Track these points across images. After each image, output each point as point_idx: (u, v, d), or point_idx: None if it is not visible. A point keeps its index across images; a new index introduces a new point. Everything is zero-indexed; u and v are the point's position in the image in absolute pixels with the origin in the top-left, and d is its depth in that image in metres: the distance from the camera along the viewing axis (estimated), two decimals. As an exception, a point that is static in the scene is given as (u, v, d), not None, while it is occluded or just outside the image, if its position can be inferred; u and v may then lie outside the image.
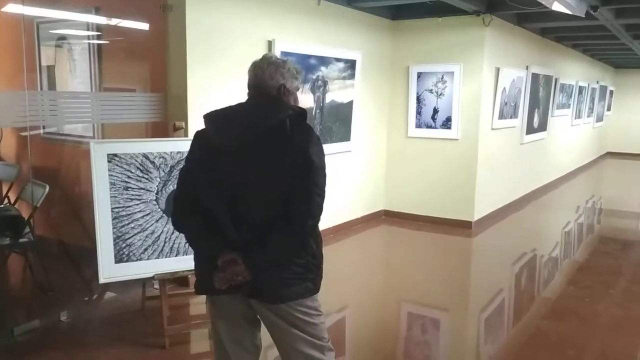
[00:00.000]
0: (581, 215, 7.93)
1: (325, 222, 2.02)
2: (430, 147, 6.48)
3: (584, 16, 4.82)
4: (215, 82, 4.15)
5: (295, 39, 4.92)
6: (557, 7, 4.46)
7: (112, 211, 3.20)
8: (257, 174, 1.82)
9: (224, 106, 1.95)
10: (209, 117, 1.93)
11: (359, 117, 5.97)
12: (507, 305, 4.47)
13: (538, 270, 5.37)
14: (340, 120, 5.72)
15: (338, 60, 5.52)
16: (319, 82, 5.31)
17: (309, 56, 5.12)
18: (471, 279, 5.17)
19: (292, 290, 1.89)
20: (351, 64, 5.71)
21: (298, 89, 2.00)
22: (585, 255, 5.77)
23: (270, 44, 4.65)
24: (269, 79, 1.92)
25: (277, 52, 4.63)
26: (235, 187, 1.83)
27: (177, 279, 3.84)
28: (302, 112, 1.90)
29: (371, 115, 6.36)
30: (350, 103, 5.82)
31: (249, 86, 1.97)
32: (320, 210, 1.88)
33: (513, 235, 6.53)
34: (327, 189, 1.90)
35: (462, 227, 6.30)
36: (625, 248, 6.00)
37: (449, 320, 4.20)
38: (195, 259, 2.02)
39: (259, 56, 1.99)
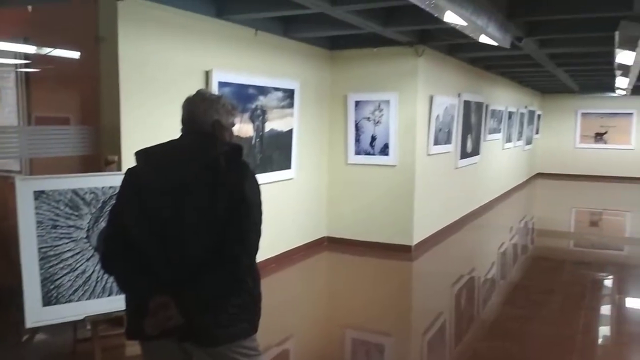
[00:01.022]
0: (515, 236, 8.26)
1: (267, 251, 2.02)
2: (370, 174, 6.59)
3: (509, 47, 5.09)
4: (150, 114, 4.07)
5: (233, 69, 4.92)
6: (484, 39, 4.68)
7: (39, 251, 3.05)
8: (191, 212, 1.78)
9: (156, 143, 1.92)
10: (141, 154, 1.89)
11: (299, 145, 6.01)
12: (448, 327, 4.57)
13: (476, 292, 5.52)
14: (280, 148, 5.74)
15: (277, 89, 5.55)
16: (258, 111, 5.31)
17: (248, 86, 5.12)
18: (412, 303, 5.25)
19: (229, 331, 1.85)
20: (290, 93, 5.77)
21: (233, 125, 1.99)
22: (520, 275, 6.00)
23: (207, 74, 4.62)
24: (203, 115, 1.90)
25: (214, 83, 4.62)
26: (169, 225, 1.79)
27: (111, 320, 3.68)
28: (238, 148, 1.89)
29: (311, 143, 6.42)
30: (290, 131, 5.86)
31: (183, 122, 1.95)
32: (256, 248, 1.87)
33: (451, 257, 6.70)
34: (268, 217, 1.90)
35: (402, 251, 6.41)
36: (556, 267, 6.26)
37: (393, 345, 4.24)
38: (126, 303, 1.95)
39: (196, 87, 1.99)
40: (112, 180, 3.26)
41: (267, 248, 1.98)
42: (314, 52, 6.28)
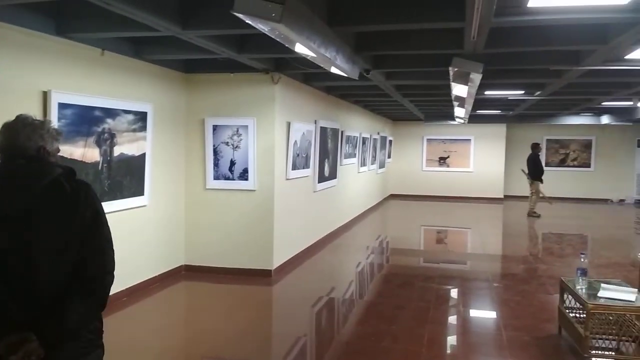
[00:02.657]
0: (371, 255, 8.67)
1: (116, 284, 1.94)
2: (229, 199, 6.52)
3: (357, 78, 5.39)
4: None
5: (76, 90, 4.58)
6: (334, 70, 4.91)
7: None
8: (41, 239, 1.68)
9: None
10: None
11: (153, 170, 5.75)
12: (308, 350, 4.61)
13: (335, 312, 5.67)
14: (131, 174, 5.44)
15: (127, 112, 5.28)
16: (106, 134, 5.00)
17: (93, 108, 4.80)
18: (272, 328, 5.24)
19: (89, 359, 1.83)
20: (142, 116, 5.52)
21: (59, 151, 1.92)
22: (374, 293, 6.28)
23: (45, 95, 4.25)
24: (27, 141, 1.79)
25: (53, 104, 4.26)
26: (13, 257, 1.66)
27: None
28: (72, 170, 1.85)
29: (167, 168, 6.19)
30: (143, 156, 5.59)
31: (1, 149, 1.80)
32: (114, 263, 1.85)
33: (311, 279, 6.83)
34: (118, 247, 1.89)
35: (262, 275, 6.39)
36: (407, 283, 6.65)
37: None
38: None
39: (32, 109, 1.88)
40: None
41: (117, 281, 1.90)
42: (168, 74, 6.11)
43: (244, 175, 6.44)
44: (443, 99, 8.85)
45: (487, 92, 8.31)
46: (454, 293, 6.26)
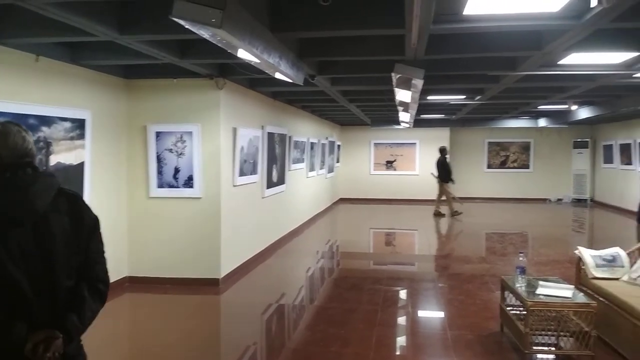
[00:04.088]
0: (321, 259, 8.68)
1: None
2: (174, 207, 6.38)
3: (302, 84, 5.40)
4: None
5: (7, 97, 4.36)
6: (279, 75, 4.90)
7: None
8: (58, 243, 1.79)
9: None
10: None
11: (92, 179, 5.55)
12: (257, 359, 4.56)
13: (285, 319, 5.63)
14: (69, 184, 5.19)
15: (64, 119, 5.08)
16: (41, 143, 4.78)
17: (27, 115, 4.59)
18: (221, 337, 5.15)
19: (81, 357, 1.95)
20: (80, 124, 5.32)
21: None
22: (325, 298, 6.28)
23: (-27, 102, 4.03)
24: (30, 146, 1.85)
25: (-18, 112, 4.04)
26: (36, 259, 1.74)
27: None
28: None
29: (108, 177, 5.99)
30: (81, 165, 5.38)
31: (8, 156, 1.78)
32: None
33: (261, 286, 6.78)
34: None
35: (210, 285, 6.29)
36: (357, 286, 6.69)
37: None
38: None
39: None
40: None
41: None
42: (108, 80, 5.92)
43: (189, 183, 6.32)
44: (388, 104, 8.99)
45: (429, 97, 8.52)
46: (401, 294, 6.36)
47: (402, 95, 6.69)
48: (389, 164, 16.57)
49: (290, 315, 5.71)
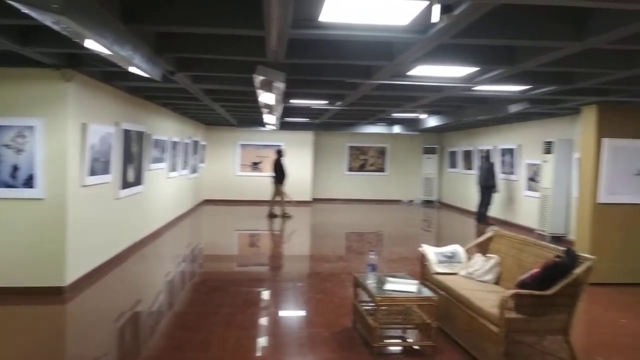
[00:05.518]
0: (183, 263, 8.39)
1: None
2: (11, 209, 5.75)
3: (160, 80, 5.18)
4: None
5: None
6: (134, 69, 4.65)
7: None
8: None
9: None
10: None
11: None
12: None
13: (140, 327, 5.34)
14: None
15: None
16: None
17: None
18: (67, 350, 4.73)
19: None
20: None
21: None
22: (184, 303, 6.07)
23: None
24: None
25: None
26: None
27: None
28: None
29: None
30: None
31: None
32: None
33: (114, 293, 6.36)
34: None
35: (53, 294, 5.76)
36: (219, 289, 6.56)
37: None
38: None
39: None
40: None
41: None
42: None
43: (29, 183, 5.74)
44: (253, 105, 8.98)
45: (293, 101, 8.68)
46: (261, 295, 6.38)
47: (266, 97, 6.73)
48: (255, 166, 16.58)
49: (145, 322, 5.44)
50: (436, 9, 2.73)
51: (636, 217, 7.04)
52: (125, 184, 7.88)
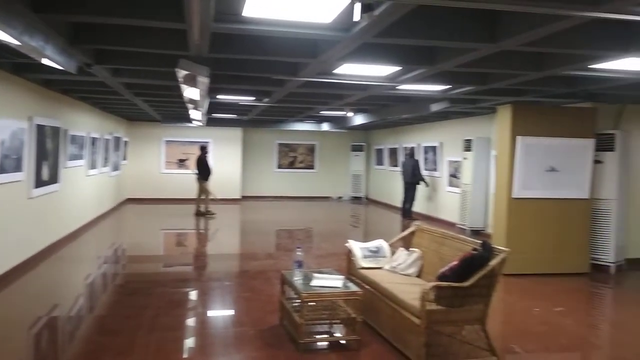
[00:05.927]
0: (103, 264, 8.03)
1: None
2: None
3: (74, 72, 4.93)
4: None
5: None
6: (46, 61, 4.40)
7: None
8: None
9: None
10: None
11: None
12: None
13: (56, 333, 5.04)
14: None
15: None
16: None
17: None
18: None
19: None
20: None
21: None
22: (104, 305, 5.80)
23: None
24: None
25: None
26: None
27: None
28: None
29: None
30: None
31: None
32: None
33: (28, 297, 5.99)
34: None
35: (-42, 301, 5.35)
36: (139, 292, 6.34)
37: None
38: None
39: None
40: None
41: None
42: None
43: None
44: (178, 100, 8.75)
45: (219, 97, 8.54)
46: (187, 296, 6.24)
47: (190, 92, 6.58)
48: (181, 163, 16.16)
49: (62, 328, 5.15)
50: (357, 8, 2.77)
51: (547, 210, 7.48)
52: (40, 183, 7.44)
